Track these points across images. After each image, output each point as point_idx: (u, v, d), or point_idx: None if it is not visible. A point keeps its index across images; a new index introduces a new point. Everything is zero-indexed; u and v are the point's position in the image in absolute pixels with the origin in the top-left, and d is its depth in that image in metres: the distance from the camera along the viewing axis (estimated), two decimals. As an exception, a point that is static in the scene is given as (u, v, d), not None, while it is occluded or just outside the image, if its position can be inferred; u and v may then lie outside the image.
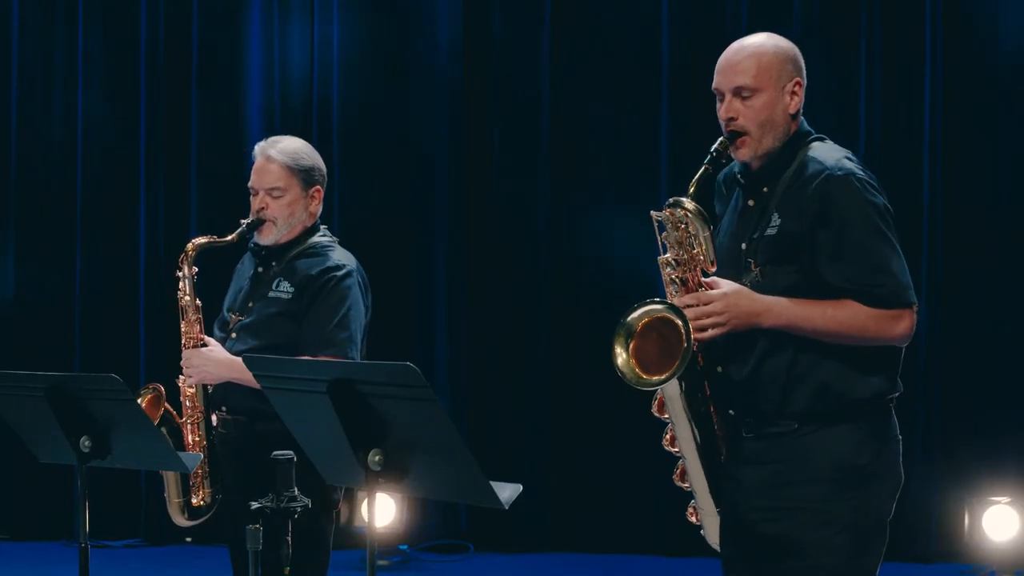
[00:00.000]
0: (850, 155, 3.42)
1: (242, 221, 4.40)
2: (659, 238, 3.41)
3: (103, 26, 7.89)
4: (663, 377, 3.31)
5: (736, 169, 3.53)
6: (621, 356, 3.34)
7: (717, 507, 3.49)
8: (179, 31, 7.80)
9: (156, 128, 7.82)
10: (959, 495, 6.99)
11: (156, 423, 4.35)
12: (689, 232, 3.34)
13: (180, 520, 4.52)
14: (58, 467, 4.20)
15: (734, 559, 3.49)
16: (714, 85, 3.46)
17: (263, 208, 4.35)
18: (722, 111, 3.43)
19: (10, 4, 7.92)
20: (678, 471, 3.54)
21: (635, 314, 3.33)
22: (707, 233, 3.33)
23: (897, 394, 3.41)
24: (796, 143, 3.43)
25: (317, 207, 4.42)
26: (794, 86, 3.42)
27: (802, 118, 3.47)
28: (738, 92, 3.40)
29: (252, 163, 4.43)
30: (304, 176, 4.37)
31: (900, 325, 3.31)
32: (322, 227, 4.47)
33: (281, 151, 4.38)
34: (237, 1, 7.81)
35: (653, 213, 3.40)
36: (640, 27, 7.47)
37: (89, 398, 3.84)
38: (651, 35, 7.44)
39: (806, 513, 3.32)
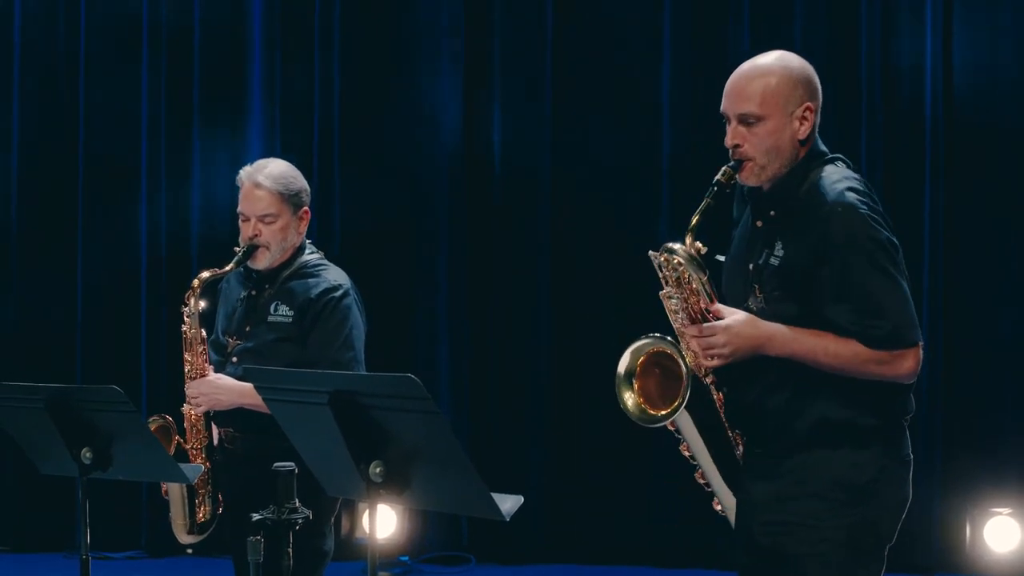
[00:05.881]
0: (856, 184, 3.33)
1: (235, 248, 4.44)
2: (660, 274, 3.41)
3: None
4: (669, 411, 3.34)
5: (746, 189, 3.49)
6: (630, 400, 3.39)
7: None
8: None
9: (157, 134, 7.82)
10: (960, 506, 6.98)
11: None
12: (687, 275, 3.35)
13: (184, 538, 4.54)
14: (59, 479, 4.20)
15: (747, 569, 3.51)
16: (721, 108, 3.40)
17: (256, 235, 4.39)
18: (727, 138, 3.38)
19: (11, 8, 7.93)
20: (699, 471, 3.54)
21: (628, 360, 3.39)
22: (704, 277, 3.34)
23: (910, 414, 3.39)
24: (806, 165, 3.37)
25: (305, 227, 4.49)
26: (804, 111, 3.34)
27: (817, 137, 3.40)
28: (743, 119, 3.34)
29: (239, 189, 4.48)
30: (294, 200, 4.43)
31: (903, 365, 3.26)
32: (308, 243, 4.52)
33: (268, 176, 4.41)
34: None
35: (651, 254, 3.40)
36: (642, 31, 7.48)
37: (90, 410, 3.85)
38: (652, 39, 7.45)
39: (805, 528, 3.32)
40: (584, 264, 7.48)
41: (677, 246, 3.34)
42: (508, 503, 3.11)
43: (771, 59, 3.39)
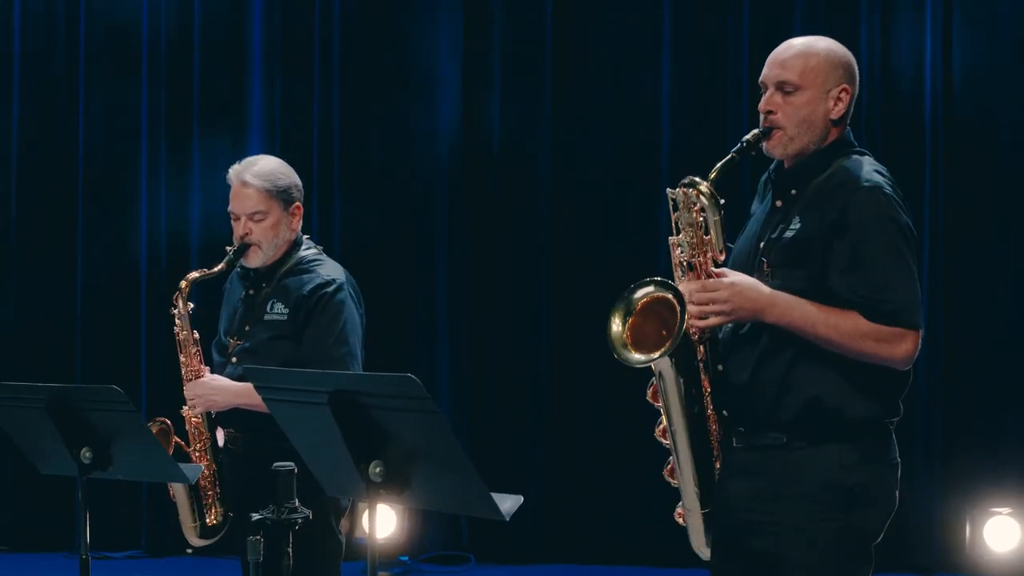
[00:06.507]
0: (883, 170, 3.38)
1: (227, 248, 4.42)
2: (672, 217, 3.39)
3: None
4: (646, 356, 3.30)
5: (772, 166, 3.51)
6: (616, 327, 3.33)
7: (703, 507, 3.45)
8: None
9: (157, 136, 7.82)
10: (960, 506, 6.99)
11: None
12: (702, 216, 3.32)
13: (196, 541, 4.53)
14: (59, 479, 4.20)
15: (723, 571, 3.47)
16: (761, 78, 3.44)
17: (247, 233, 4.37)
18: (762, 103, 3.42)
19: (11, 11, 7.93)
20: (668, 467, 3.51)
21: (637, 292, 3.33)
22: (717, 218, 3.32)
23: (897, 418, 3.36)
24: (834, 151, 3.41)
25: (298, 223, 4.45)
26: (840, 92, 3.40)
27: (848, 129, 3.45)
28: (781, 87, 3.39)
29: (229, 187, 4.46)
30: (283, 196, 4.39)
31: (901, 346, 3.24)
32: (305, 238, 4.50)
33: (256, 174, 4.38)
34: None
35: (668, 191, 3.39)
36: (642, 31, 7.48)
37: (90, 409, 3.84)
38: (652, 39, 7.45)
39: (790, 531, 3.29)
40: (584, 264, 7.48)
41: (701, 180, 3.32)
42: (508, 503, 3.10)
43: (816, 38, 3.48)
